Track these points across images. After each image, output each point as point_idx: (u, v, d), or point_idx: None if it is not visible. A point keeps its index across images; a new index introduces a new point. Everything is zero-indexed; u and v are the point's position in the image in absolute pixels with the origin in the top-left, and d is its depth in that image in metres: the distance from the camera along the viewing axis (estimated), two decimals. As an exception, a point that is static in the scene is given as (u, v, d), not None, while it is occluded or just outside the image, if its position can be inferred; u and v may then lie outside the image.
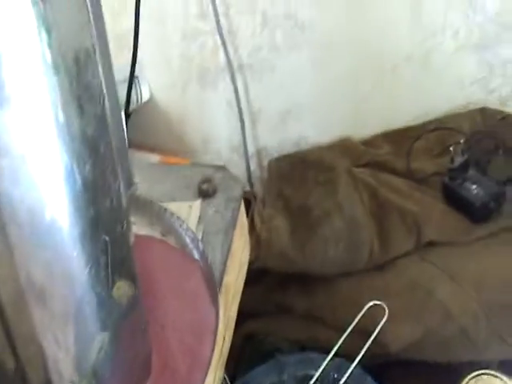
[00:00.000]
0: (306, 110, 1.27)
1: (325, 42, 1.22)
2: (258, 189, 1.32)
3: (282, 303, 1.13)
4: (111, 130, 0.50)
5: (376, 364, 1.03)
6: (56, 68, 0.42)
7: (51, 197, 0.44)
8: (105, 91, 0.48)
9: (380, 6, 1.22)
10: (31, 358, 0.52)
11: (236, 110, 1.24)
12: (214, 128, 1.28)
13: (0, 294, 0.46)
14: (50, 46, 0.42)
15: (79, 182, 0.45)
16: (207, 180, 0.91)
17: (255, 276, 1.12)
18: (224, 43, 1.18)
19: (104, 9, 0.55)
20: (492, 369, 0.93)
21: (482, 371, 0.92)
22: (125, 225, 0.54)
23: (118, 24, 1.07)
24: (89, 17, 0.46)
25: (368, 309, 0.98)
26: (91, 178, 0.46)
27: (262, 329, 1.14)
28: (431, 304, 1.08)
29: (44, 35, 0.41)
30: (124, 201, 0.54)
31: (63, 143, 0.43)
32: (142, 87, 1.19)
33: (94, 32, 0.47)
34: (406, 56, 1.27)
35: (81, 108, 0.44)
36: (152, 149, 1.16)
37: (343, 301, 1.07)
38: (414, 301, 1.08)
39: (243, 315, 1.11)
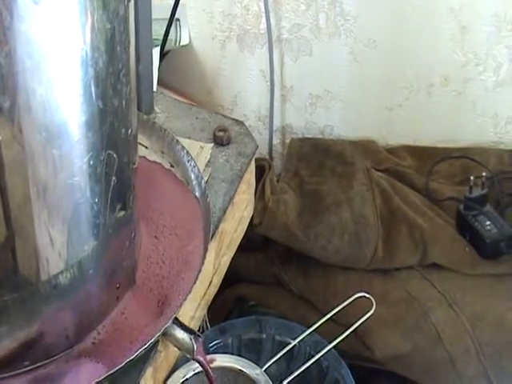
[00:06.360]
0: (336, 100, 1.23)
1: (366, 38, 1.18)
2: (277, 164, 1.28)
3: (279, 276, 1.11)
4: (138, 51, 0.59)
5: (364, 370, 1.01)
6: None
7: (65, 87, 0.47)
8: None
9: (427, 20, 1.17)
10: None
11: (268, 81, 1.20)
12: (245, 92, 1.25)
13: (7, 184, 0.48)
14: None
15: (91, 72, 0.48)
16: (224, 129, 0.90)
17: (259, 244, 1.10)
18: (267, 11, 1.15)
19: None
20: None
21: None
22: (131, 131, 0.56)
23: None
24: None
25: (360, 306, 0.92)
26: (103, 72, 0.49)
27: (254, 296, 1.13)
28: (424, 324, 1.04)
29: None
30: (134, 109, 0.57)
31: (82, 32, 0.46)
32: (182, 31, 1.17)
33: None
34: (443, 77, 1.22)
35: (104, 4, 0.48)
36: (180, 93, 1.12)
37: (338, 293, 1.03)
38: (408, 316, 1.04)
39: (240, 278, 1.12)
